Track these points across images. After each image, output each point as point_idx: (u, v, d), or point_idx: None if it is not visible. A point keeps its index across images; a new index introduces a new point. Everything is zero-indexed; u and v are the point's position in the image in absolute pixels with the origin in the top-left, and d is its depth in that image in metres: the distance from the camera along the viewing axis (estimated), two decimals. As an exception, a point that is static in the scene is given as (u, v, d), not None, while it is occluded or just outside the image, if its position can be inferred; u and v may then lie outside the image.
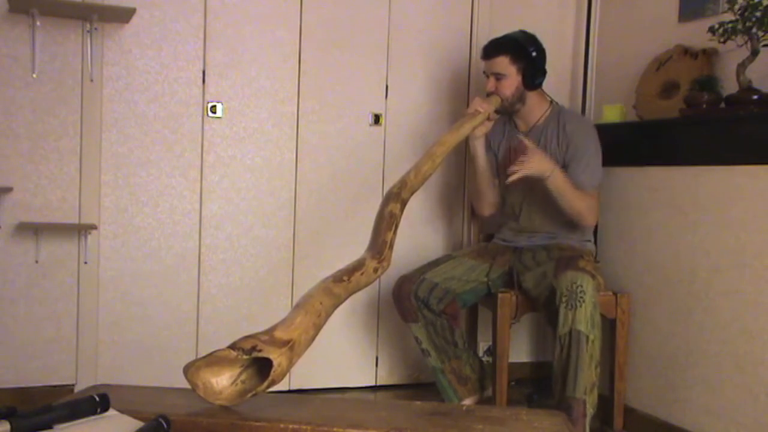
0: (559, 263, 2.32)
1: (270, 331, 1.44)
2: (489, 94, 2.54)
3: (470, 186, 2.86)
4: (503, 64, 2.51)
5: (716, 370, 2.27)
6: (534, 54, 2.51)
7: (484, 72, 2.59)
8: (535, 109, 2.58)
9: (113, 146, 2.65)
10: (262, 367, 1.41)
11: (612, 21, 2.97)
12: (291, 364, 1.42)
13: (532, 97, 2.56)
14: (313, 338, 1.50)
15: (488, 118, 2.49)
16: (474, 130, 2.47)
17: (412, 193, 2.07)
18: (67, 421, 1.19)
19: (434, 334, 2.47)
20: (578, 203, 2.41)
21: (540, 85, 2.57)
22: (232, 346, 1.41)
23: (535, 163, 2.33)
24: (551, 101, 2.63)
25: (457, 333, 2.50)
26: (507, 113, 2.60)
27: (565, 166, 2.46)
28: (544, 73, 2.56)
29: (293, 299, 2.88)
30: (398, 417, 1.39)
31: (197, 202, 2.76)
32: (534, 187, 2.45)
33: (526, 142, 2.39)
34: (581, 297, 2.15)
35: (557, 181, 2.36)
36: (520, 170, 2.32)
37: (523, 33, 2.56)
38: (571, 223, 2.51)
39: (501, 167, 2.66)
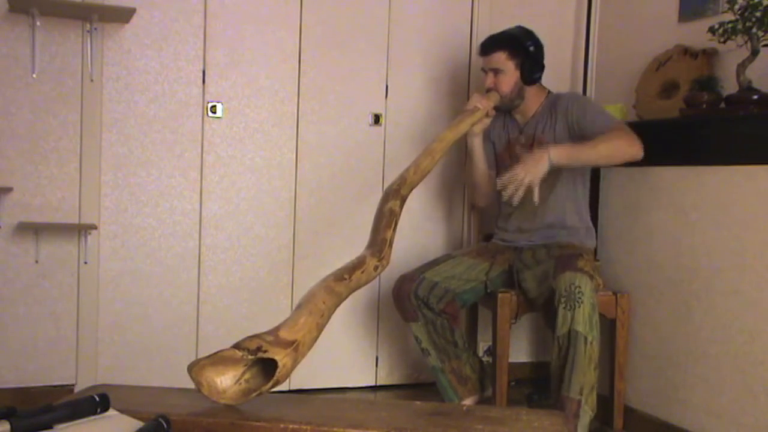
0: (559, 262, 2.31)
1: (275, 332, 1.44)
2: (488, 91, 2.53)
3: (467, 179, 2.87)
4: (501, 59, 2.50)
5: (716, 370, 2.27)
6: (531, 48, 2.50)
7: (482, 68, 2.59)
8: (533, 103, 2.57)
9: (113, 146, 2.65)
10: (265, 367, 1.42)
11: (612, 21, 2.97)
12: (295, 364, 1.43)
13: (530, 91, 2.55)
14: (316, 338, 1.50)
15: (487, 115, 2.49)
16: (473, 127, 2.47)
17: (412, 190, 2.07)
18: (67, 421, 1.19)
19: (434, 333, 2.47)
20: (605, 147, 2.27)
21: (539, 79, 2.56)
22: (237, 346, 1.41)
23: (532, 167, 2.22)
24: (548, 92, 2.62)
25: (456, 332, 2.50)
26: (506, 109, 2.60)
27: (574, 137, 2.40)
28: (542, 67, 2.55)
29: (293, 299, 2.88)
30: (398, 417, 1.39)
31: (197, 202, 2.76)
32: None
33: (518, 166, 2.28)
34: (579, 298, 2.14)
35: (561, 154, 2.26)
36: (526, 181, 2.21)
37: (521, 28, 2.55)
38: (572, 216, 2.50)
39: (500, 161, 2.66)
